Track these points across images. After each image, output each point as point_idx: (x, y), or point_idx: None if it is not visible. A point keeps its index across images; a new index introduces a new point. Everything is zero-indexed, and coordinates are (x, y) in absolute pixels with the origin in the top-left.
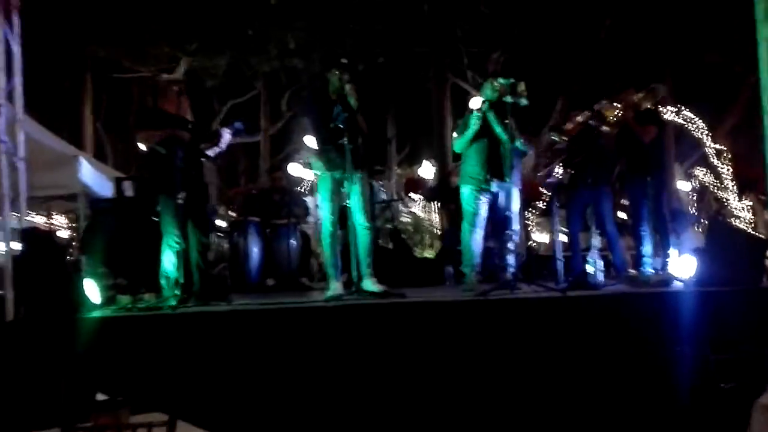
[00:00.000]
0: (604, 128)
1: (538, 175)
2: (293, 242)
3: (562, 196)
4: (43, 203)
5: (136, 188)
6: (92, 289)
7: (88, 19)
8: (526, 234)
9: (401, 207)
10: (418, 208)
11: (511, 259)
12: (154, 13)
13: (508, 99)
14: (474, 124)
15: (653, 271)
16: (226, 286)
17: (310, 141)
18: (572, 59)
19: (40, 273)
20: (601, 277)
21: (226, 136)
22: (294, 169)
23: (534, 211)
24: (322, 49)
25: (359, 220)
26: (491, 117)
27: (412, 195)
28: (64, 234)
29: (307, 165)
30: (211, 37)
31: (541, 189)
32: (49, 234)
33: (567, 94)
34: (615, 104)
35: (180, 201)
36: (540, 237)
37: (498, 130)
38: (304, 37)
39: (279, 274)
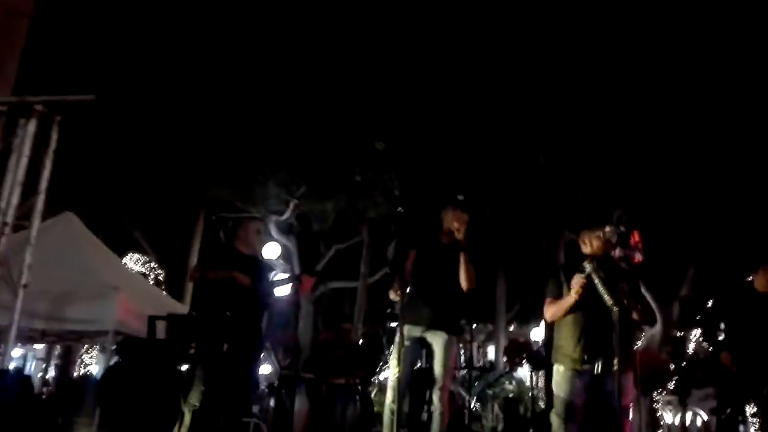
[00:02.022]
0: None
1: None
2: (350, 408)
3: (704, 372)
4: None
5: (169, 329)
6: None
7: (204, 159)
8: (653, 420)
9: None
10: (526, 375)
11: None
12: (264, 156)
13: (617, 253)
14: (575, 291)
15: None
16: None
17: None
18: (704, 221)
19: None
20: None
21: (307, 283)
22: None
23: (662, 390)
24: (427, 197)
25: (432, 395)
26: (595, 278)
27: (517, 359)
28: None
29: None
30: (319, 182)
31: (670, 366)
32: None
33: (699, 260)
34: None
35: (215, 353)
36: (668, 417)
37: (603, 294)
38: (411, 185)
39: None
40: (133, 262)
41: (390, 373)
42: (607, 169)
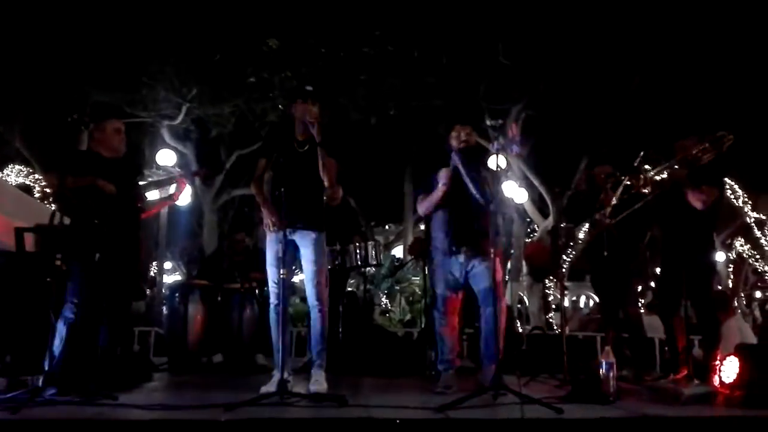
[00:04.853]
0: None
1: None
2: (247, 311)
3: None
4: None
5: (39, 242)
6: None
7: (85, 60)
8: (545, 303)
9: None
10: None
11: (489, 348)
12: (151, 56)
13: (497, 146)
14: (443, 184)
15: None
16: (146, 369)
17: None
18: (599, 115)
19: None
20: (613, 383)
21: (181, 185)
22: None
23: (554, 279)
24: (328, 98)
25: (308, 295)
26: (461, 171)
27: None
28: None
29: None
30: (211, 84)
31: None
32: None
33: (592, 152)
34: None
35: (86, 264)
36: (565, 301)
37: (470, 186)
38: (309, 83)
39: (229, 348)
40: (15, 174)
41: (270, 276)
42: (506, 65)
